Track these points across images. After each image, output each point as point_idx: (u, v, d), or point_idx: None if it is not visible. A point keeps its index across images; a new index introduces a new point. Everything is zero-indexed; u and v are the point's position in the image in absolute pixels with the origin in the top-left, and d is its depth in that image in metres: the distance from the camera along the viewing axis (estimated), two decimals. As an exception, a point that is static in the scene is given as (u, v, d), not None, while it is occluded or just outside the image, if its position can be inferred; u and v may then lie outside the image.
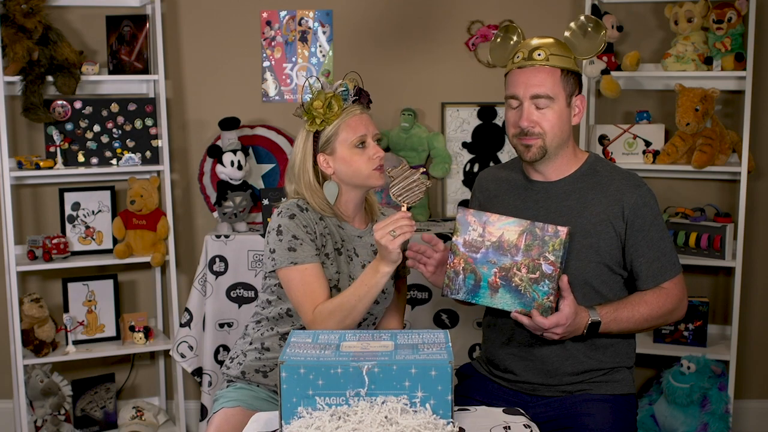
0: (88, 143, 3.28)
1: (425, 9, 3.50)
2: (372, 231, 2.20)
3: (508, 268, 1.91)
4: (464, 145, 3.53)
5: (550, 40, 2.09)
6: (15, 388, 3.26)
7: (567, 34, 2.11)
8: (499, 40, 2.19)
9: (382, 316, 2.29)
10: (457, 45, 3.52)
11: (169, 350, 3.35)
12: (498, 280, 1.93)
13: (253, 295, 3.21)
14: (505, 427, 1.69)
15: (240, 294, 3.22)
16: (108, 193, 3.38)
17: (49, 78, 3.14)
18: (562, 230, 1.88)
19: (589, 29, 2.09)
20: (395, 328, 2.30)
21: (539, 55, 2.05)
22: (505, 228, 1.92)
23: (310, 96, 2.14)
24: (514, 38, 2.15)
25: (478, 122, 3.52)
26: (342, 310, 2.02)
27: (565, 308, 1.91)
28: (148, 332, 3.34)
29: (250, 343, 2.23)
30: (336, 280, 2.12)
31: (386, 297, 2.21)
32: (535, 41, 2.09)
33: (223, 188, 3.29)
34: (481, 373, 2.25)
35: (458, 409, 1.74)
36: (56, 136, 3.20)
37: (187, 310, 3.24)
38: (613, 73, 3.29)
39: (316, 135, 2.15)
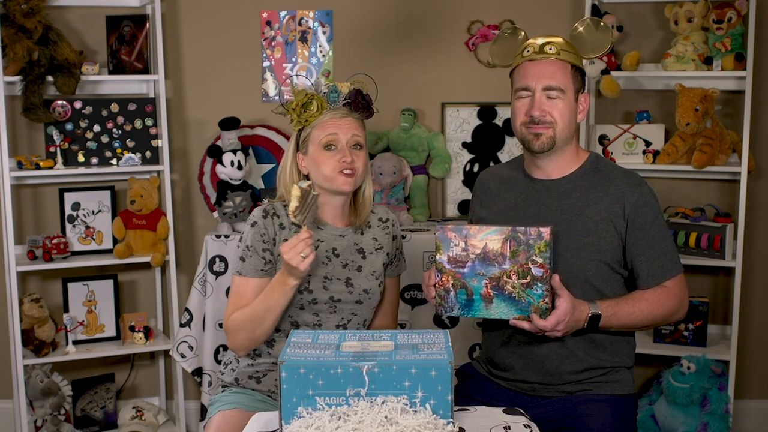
0: (88, 143, 3.28)
1: (425, 9, 3.50)
2: (355, 230, 2.20)
3: (498, 278, 1.91)
4: (464, 145, 3.53)
5: (559, 39, 2.11)
6: (15, 388, 3.26)
7: (580, 28, 2.14)
8: (506, 35, 2.20)
9: (374, 316, 2.29)
10: (457, 45, 3.52)
11: (169, 350, 3.34)
12: (490, 290, 1.92)
13: (253, 295, 3.21)
14: (505, 427, 1.69)
15: (240, 294, 3.21)
16: (108, 193, 3.38)
17: (49, 78, 3.14)
18: (545, 231, 1.87)
19: (601, 24, 2.14)
20: (388, 326, 2.30)
21: (550, 49, 2.08)
22: (488, 238, 1.91)
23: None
24: (522, 33, 2.17)
25: (478, 122, 3.52)
26: (252, 322, 2.08)
27: (562, 304, 1.91)
28: (148, 332, 3.34)
29: None
30: (306, 281, 2.11)
31: (370, 297, 2.19)
32: (544, 39, 2.11)
33: (223, 188, 3.29)
34: (481, 373, 2.25)
35: (458, 409, 1.74)
36: (56, 136, 3.20)
37: (187, 310, 3.24)
38: (613, 73, 3.29)
39: (300, 134, 2.17)
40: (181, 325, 3.25)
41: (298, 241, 1.96)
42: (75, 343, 3.26)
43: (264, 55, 3.50)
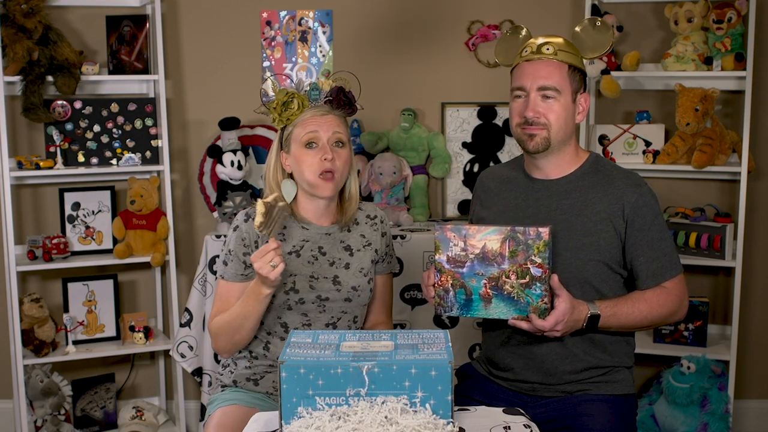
0: (88, 143, 3.28)
1: (425, 9, 3.50)
2: (341, 227, 2.20)
3: (497, 278, 1.91)
4: (464, 145, 3.53)
5: (559, 39, 2.11)
6: (15, 388, 3.26)
7: (578, 29, 2.15)
8: (508, 34, 2.20)
9: (369, 314, 2.29)
10: (457, 45, 3.52)
11: (169, 350, 3.34)
12: (489, 290, 1.92)
13: (253, 295, 3.21)
14: (505, 427, 1.69)
15: (240, 294, 3.21)
16: (108, 193, 3.38)
17: (49, 78, 3.14)
18: (544, 231, 1.87)
19: (598, 23, 2.14)
20: (383, 323, 2.30)
21: (548, 49, 2.07)
22: (487, 238, 1.91)
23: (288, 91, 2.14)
24: (523, 32, 2.17)
25: (478, 122, 3.52)
26: (231, 328, 2.11)
27: (561, 304, 1.92)
28: (148, 332, 3.34)
29: (240, 351, 2.23)
30: (292, 282, 2.11)
31: (359, 294, 2.18)
32: (543, 39, 2.10)
33: (223, 188, 3.29)
34: (481, 373, 2.25)
35: (458, 409, 1.74)
36: (56, 136, 3.20)
37: (187, 310, 3.24)
38: (613, 73, 3.29)
39: (282, 133, 2.18)
40: (181, 325, 3.25)
41: (267, 251, 1.96)
42: (75, 343, 3.26)
43: (264, 55, 3.50)
